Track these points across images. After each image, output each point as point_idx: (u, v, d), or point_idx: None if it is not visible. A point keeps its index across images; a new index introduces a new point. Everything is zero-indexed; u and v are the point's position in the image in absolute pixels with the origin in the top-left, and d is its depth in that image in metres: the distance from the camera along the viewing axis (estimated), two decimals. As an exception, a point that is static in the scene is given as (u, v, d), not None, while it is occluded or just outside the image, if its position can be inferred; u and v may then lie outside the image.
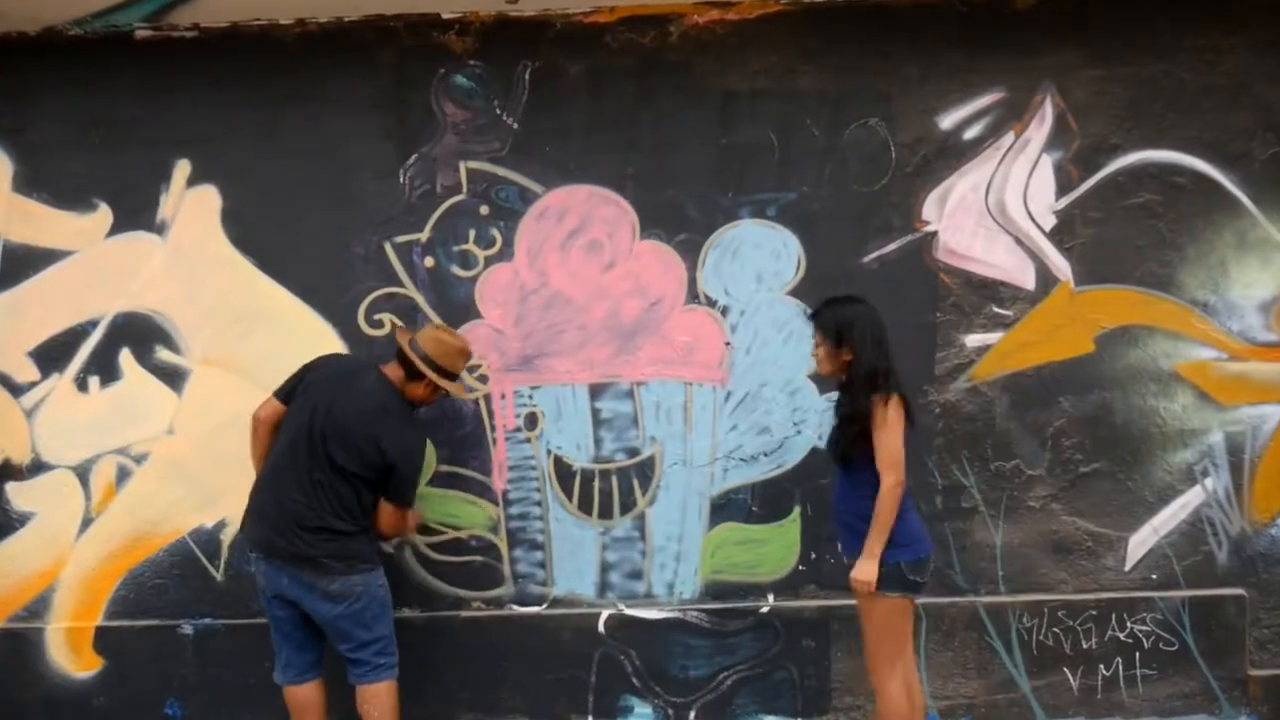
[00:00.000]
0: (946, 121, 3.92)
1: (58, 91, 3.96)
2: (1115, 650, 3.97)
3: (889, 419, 3.16)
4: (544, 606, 4.01)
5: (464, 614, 4.00)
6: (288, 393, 3.53)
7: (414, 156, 3.95)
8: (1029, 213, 3.94)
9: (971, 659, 3.99)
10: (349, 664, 3.50)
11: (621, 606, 4.00)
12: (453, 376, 3.57)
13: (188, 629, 4.00)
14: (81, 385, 3.99)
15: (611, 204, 3.95)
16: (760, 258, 3.95)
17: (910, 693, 3.32)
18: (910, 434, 3.27)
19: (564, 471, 4.00)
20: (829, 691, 3.99)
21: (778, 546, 3.99)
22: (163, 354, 3.99)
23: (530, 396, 3.99)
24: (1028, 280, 3.94)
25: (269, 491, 3.44)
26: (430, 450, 3.90)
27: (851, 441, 3.23)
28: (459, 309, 3.97)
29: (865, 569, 3.18)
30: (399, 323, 3.88)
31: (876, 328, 3.27)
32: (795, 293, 3.95)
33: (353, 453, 3.37)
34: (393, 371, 3.52)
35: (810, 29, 3.90)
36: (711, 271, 3.96)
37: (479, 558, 4.00)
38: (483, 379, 3.99)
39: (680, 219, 3.95)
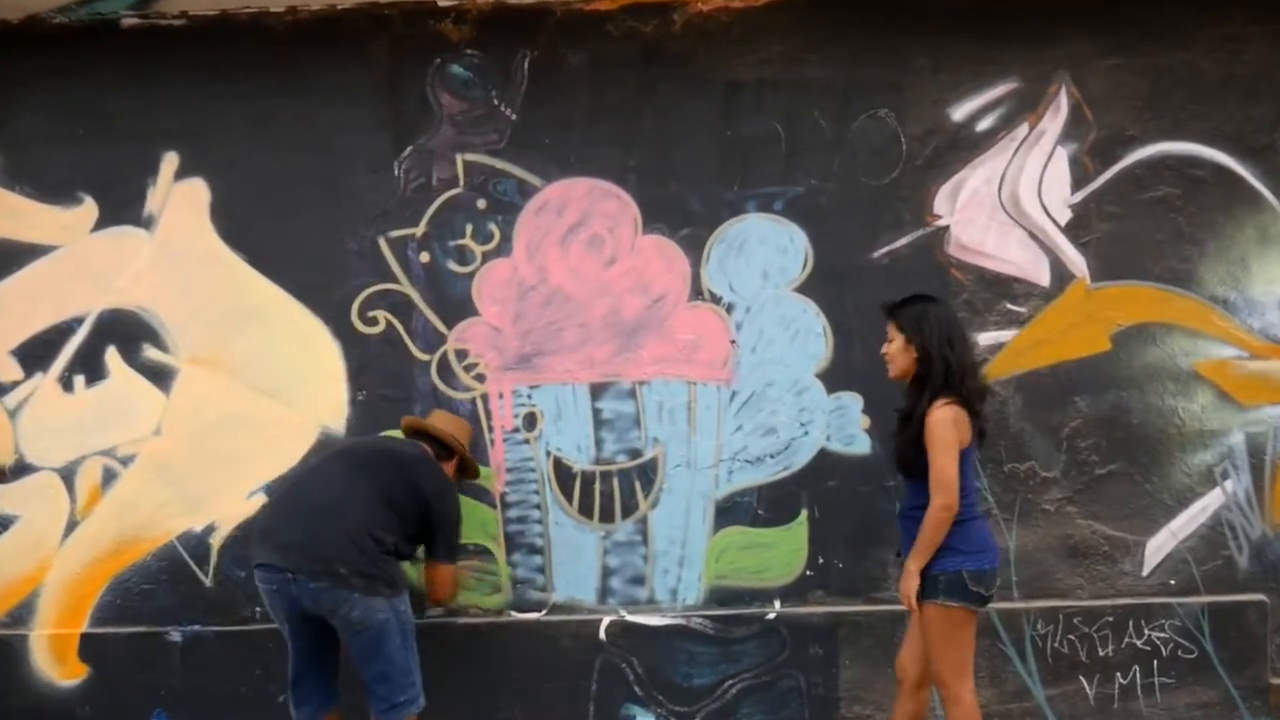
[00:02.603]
0: (958, 113, 3.84)
1: (41, 82, 3.88)
2: (1132, 658, 3.88)
3: (941, 433, 3.00)
4: (543, 613, 3.92)
5: (461, 620, 3.91)
6: None
7: (409, 149, 3.87)
8: (1043, 206, 3.85)
9: (984, 667, 3.87)
10: (369, 693, 3.31)
11: (623, 613, 3.91)
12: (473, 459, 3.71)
13: (176, 636, 3.90)
14: (66, 384, 3.91)
15: (613, 198, 3.87)
16: (766, 253, 3.87)
17: None
18: (975, 449, 3.14)
19: (564, 473, 3.91)
20: (837, 700, 3.90)
21: (784, 551, 3.91)
22: (150, 352, 3.91)
23: (529, 396, 3.90)
24: (1042, 276, 3.86)
25: (299, 496, 3.33)
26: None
27: (906, 446, 3.09)
28: (455, 306, 3.89)
29: (905, 583, 3.08)
30: (415, 417, 3.80)
31: (954, 327, 3.14)
32: (802, 289, 3.87)
33: (394, 479, 3.33)
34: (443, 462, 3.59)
35: (817, 17, 3.82)
36: (716, 267, 3.87)
37: (476, 562, 3.91)
38: (480, 378, 3.90)
39: (684, 213, 3.87)
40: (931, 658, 3.12)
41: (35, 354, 3.91)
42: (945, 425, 3.01)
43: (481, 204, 3.88)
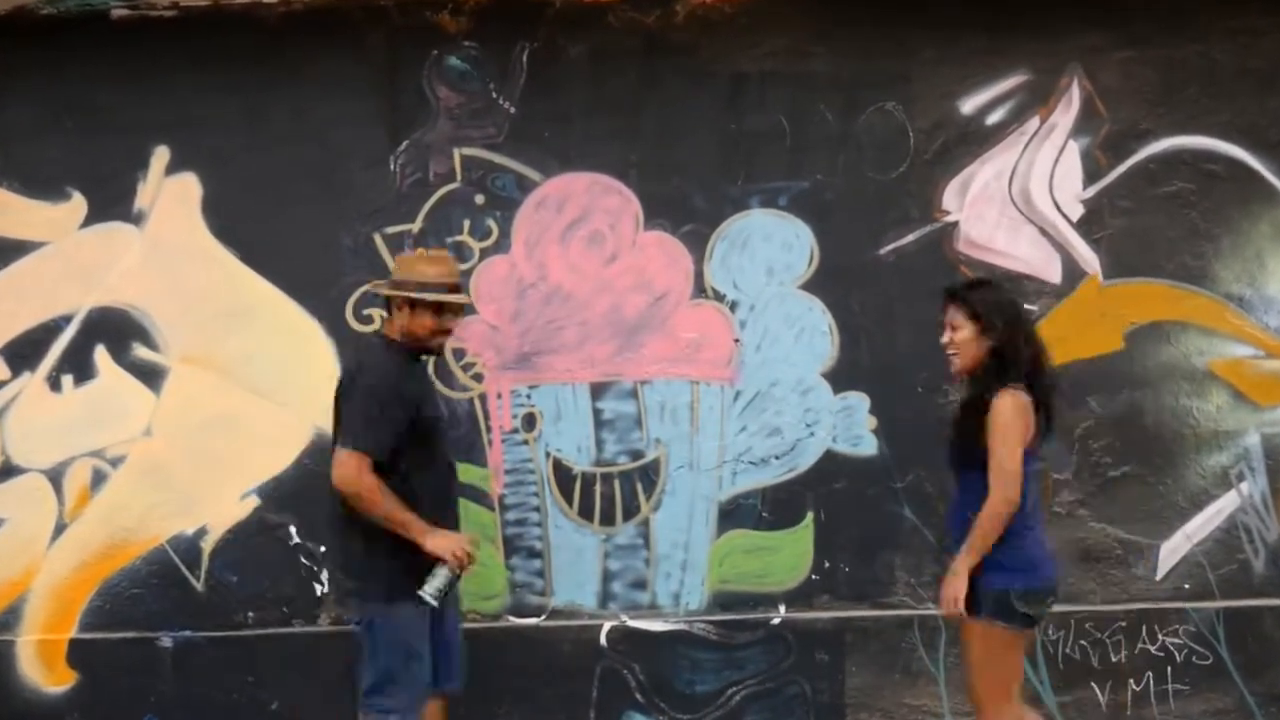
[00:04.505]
0: (967, 106, 3.79)
1: (29, 74, 3.81)
2: (1146, 664, 3.82)
3: (1007, 420, 2.81)
4: (543, 618, 3.86)
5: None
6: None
7: (405, 143, 3.81)
8: (1055, 202, 3.80)
9: (994, 673, 3.84)
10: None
11: (624, 618, 3.85)
12: (438, 288, 3.03)
13: (166, 641, 3.84)
14: (54, 384, 3.84)
15: (614, 193, 3.81)
16: (771, 250, 3.81)
17: None
18: (1048, 446, 3.05)
19: (564, 475, 3.85)
20: (843, 707, 3.84)
21: (789, 554, 3.84)
22: (140, 351, 3.84)
23: (528, 396, 3.84)
24: (1053, 273, 3.80)
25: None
26: None
27: (966, 435, 2.91)
28: (453, 304, 3.83)
29: (949, 585, 2.87)
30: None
31: (1028, 320, 3.06)
32: (807, 286, 3.81)
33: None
34: (387, 329, 3.16)
35: (823, 8, 3.77)
36: (719, 264, 3.82)
37: (474, 566, 3.84)
38: (478, 378, 3.84)
39: (686, 209, 3.81)
40: (971, 675, 2.97)
41: (22, 353, 3.84)
42: (1011, 412, 2.83)
43: (479, 199, 3.82)
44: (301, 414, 3.82)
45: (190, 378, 3.83)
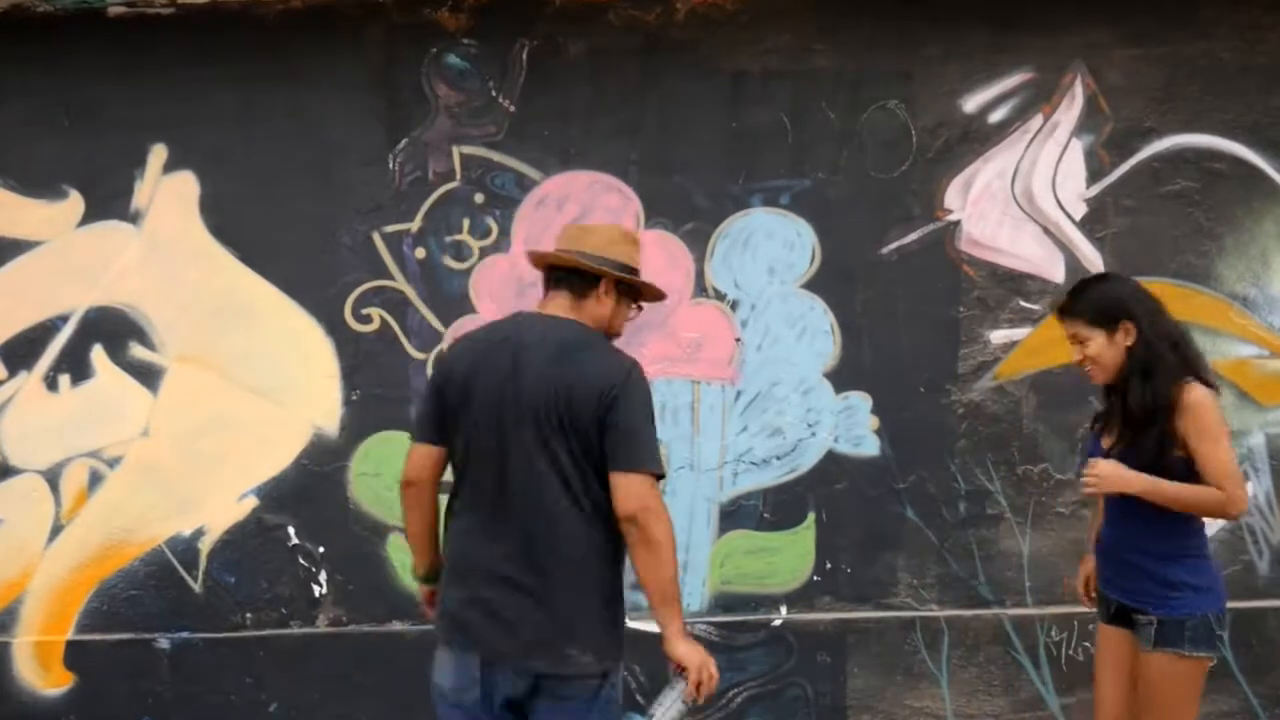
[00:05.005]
0: (970, 104, 3.75)
1: (26, 71, 3.76)
2: (1149, 666, 3.79)
3: (1216, 417, 2.49)
4: (542, 619, 3.83)
5: (457, 627, 3.82)
6: (437, 425, 2.44)
7: (404, 141, 3.77)
8: (1058, 201, 3.77)
9: (996, 675, 3.82)
10: None
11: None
12: (636, 272, 2.51)
13: (164, 643, 3.81)
14: (51, 384, 3.81)
15: (614, 191, 3.78)
16: (772, 248, 3.78)
17: None
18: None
19: (564, 476, 3.82)
20: (845, 709, 3.82)
21: (791, 556, 3.82)
22: (137, 351, 3.81)
23: (528, 396, 3.81)
24: (1056, 272, 3.77)
25: (470, 559, 2.40)
26: None
27: (1157, 453, 2.53)
28: (452, 303, 3.79)
29: (1112, 471, 2.50)
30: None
31: (1154, 299, 2.64)
32: (809, 285, 3.79)
33: (561, 427, 2.29)
34: (556, 307, 2.48)
35: (825, 5, 3.72)
36: (720, 263, 3.79)
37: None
38: (477, 377, 3.81)
39: (687, 208, 3.78)
40: (1145, 716, 2.64)
41: (19, 353, 3.81)
42: (1216, 408, 2.50)
43: (479, 198, 3.78)
44: (300, 414, 3.80)
45: (188, 377, 3.80)
